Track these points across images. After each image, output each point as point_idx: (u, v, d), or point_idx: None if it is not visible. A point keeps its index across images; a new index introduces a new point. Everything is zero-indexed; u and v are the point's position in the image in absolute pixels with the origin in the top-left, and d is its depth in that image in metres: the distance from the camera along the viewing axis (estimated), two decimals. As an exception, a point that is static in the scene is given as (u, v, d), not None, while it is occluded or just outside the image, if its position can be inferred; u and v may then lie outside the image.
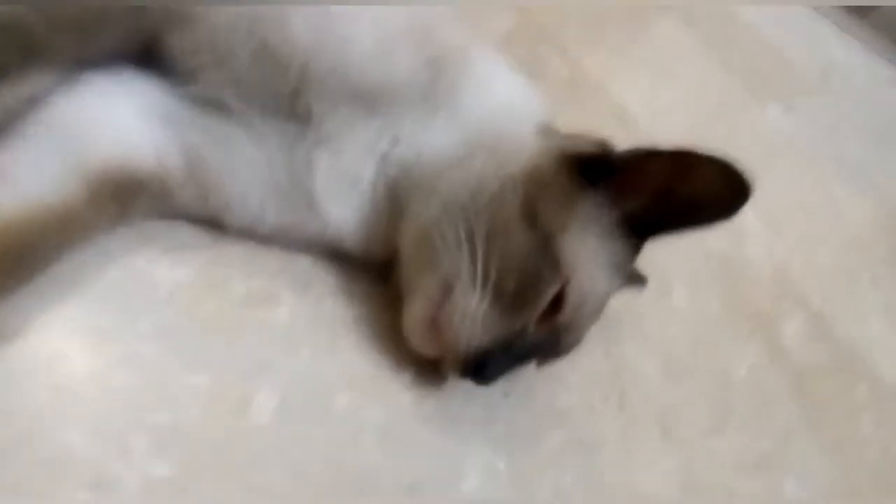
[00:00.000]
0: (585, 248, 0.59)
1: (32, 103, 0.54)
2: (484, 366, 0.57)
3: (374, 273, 0.65)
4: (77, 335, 0.51)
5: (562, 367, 0.72)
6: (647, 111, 1.20)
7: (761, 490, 0.77)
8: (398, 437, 0.58)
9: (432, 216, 0.59)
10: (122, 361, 0.51)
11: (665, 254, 0.92)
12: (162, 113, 0.57)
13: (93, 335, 0.51)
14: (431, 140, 0.61)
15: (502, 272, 0.56)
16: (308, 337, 0.60)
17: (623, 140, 0.62)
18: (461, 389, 0.63)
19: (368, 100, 0.59)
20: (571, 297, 0.59)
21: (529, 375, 0.65)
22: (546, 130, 0.65)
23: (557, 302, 0.59)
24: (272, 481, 0.51)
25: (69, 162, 0.52)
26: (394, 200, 0.62)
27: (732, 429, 0.81)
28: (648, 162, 0.59)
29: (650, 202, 0.60)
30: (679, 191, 0.58)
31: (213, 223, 0.61)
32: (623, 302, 0.76)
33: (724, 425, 0.81)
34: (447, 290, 0.57)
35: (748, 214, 1.10)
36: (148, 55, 0.57)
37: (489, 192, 0.58)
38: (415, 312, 0.58)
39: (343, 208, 0.61)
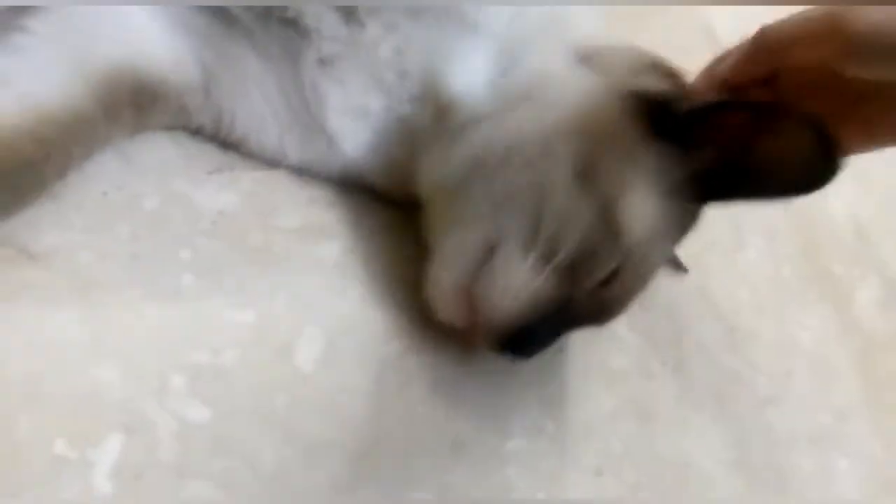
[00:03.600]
0: (649, 213, 0.50)
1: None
2: (524, 341, 0.50)
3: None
4: (112, 262, 0.47)
5: (620, 326, 0.68)
6: (736, 31, 1.08)
7: (812, 468, 0.73)
8: (445, 390, 0.55)
9: (462, 167, 0.51)
10: (162, 293, 0.48)
11: (739, 206, 0.86)
12: (177, 15, 0.50)
13: (130, 263, 0.48)
14: (450, 69, 0.52)
15: (554, 237, 0.48)
16: (357, 277, 0.56)
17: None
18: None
19: (373, 14, 0.50)
20: (628, 269, 0.51)
21: (586, 331, 0.61)
22: (599, 55, 0.54)
23: (612, 273, 0.51)
24: (313, 431, 0.48)
25: (80, 63, 0.45)
26: (409, 141, 0.54)
27: (789, 402, 0.77)
28: (727, 113, 0.49)
29: (723, 161, 0.50)
30: (757, 152, 0.49)
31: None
32: (692, 256, 0.70)
33: (782, 398, 0.76)
34: (486, 254, 0.50)
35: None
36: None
37: (535, 141, 0.49)
38: (443, 278, 0.51)
39: (358, 145, 0.55)
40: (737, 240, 0.86)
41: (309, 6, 0.49)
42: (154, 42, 0.49)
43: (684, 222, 0.55)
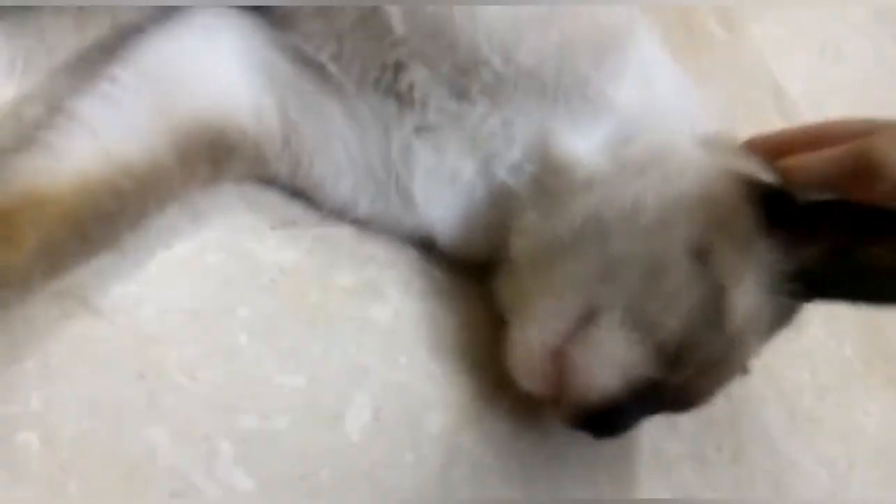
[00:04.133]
0: (755, 305, 0.48)
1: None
2: (611, 420, 0.48)
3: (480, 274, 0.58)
4: (172, 318, 0.47)
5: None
6: (808, 92, 1.04)
7: (873, 571, 0.69)
8: (490, 470, 0.53)
9: (569, 230, 0.50)
10: (218, 352, 0.47)
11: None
12: (263, 62, 0.50)
13: (189, 319, 0.47)
14: (567, 140, 0.51)
15: (659, 314, 0.46)
16: (409, 342, 0.54)
17: (777, 124, 0.50)
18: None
19: (486, 93, 0.49)
20: (722, 360, 0.49)
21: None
22: (713, 142, 0.53)
23: (707, 362, 0.48)
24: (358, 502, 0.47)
25: (159, 112, 0.45)
26: (500, 205, 0.53)
27: (854, 492, 0.72)
28: (842, 214, 0.47)
29: (831, 260, 0.48)
30: (867, 256, 0.47)
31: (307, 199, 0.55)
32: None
33: (846, 488, 0.72)
34: (585, 320, 0.47)
35: None
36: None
37: (654, 212, 0.47)
38: (533, 341, 0.48)
39: (441, 208, 0.53)
40: (799, 316, 0.82)
41: (419, 80, 0.49)
42: (236, 91, 0.49)
43: (782, 318, 0.52)
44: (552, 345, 0.48)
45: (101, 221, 0.42)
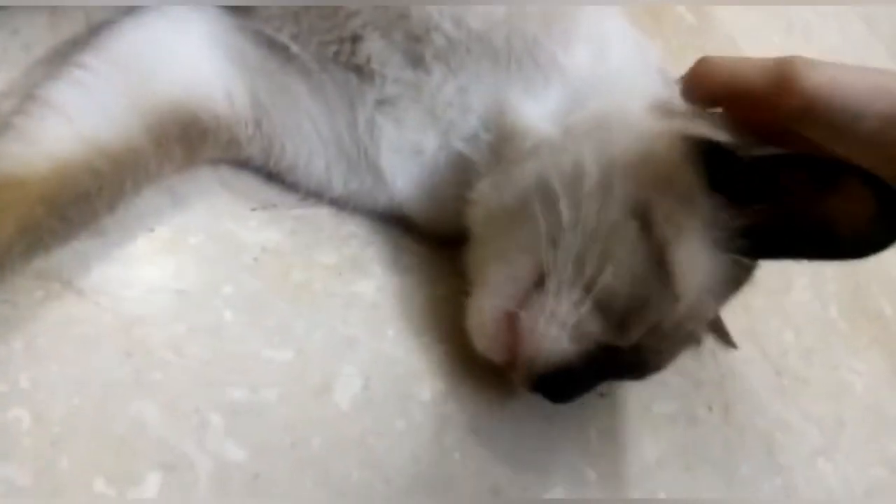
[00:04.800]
0: (701, 263, 0.48)
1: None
2: (562, 383, 0.48)
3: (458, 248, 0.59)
4: (157, 297, 0.47)
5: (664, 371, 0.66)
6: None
7: (868, 523, 0.70)
8: (481, 436, 0.54)
9: (518, 196, 0.50)
10: (204, 329, 0.48)
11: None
12: (231, 49, 0.51)
13: (174, 298, 0.48)
14: (520, 106, 0.51)
15: (607, 276, 0.46)
16: (394, 315, 0.55)
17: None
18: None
19: (440, 60, 0.50)
20: (675, 321, 0.49)
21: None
22: (665, 107, 0.53)
23: (658, 323, 0.49)
24: (350, 474, 0.47)
25: (135, 98, 0.46)
26: (461, 177, 0.53)
27: (841, 452, 0.73)
28: (786, 167, 0.47)
29: (779, 217, 0.48)
30: (816, 209, 0.46)
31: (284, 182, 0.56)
32: (740, 299, 0.69)
33: (834, 447, 0.73)
34: (534, 283, 0.48)
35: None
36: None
37: (595, 176, 0.48)
38: (486, 307, 0.49)
39: (407, 181, 0.54)
40: (784, 280, 0.83)
41: (375, 51, 0.50)
42: (207, 77, 0.50)
43: (736, 277, 0.52)
44: (505, 310, 0.48)
45: (79, 201, 0.43)
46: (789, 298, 0.82)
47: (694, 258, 0.48)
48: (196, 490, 0.42)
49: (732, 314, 0.68)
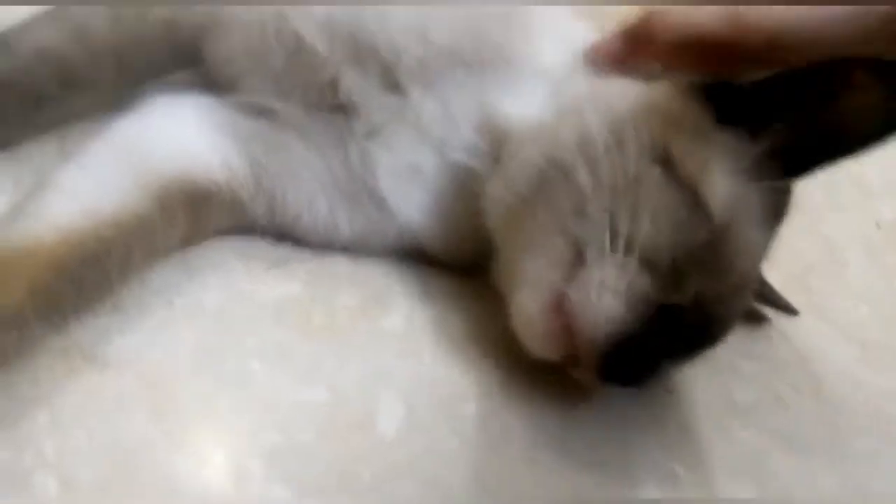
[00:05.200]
0: (733, 194, 0.46)
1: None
2: (631, 359, 0.44)
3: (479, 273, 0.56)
4: (180, 358, 0.46)
5: (730, 357, 0.60)
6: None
7: None
8: (550, 445, 0.49)
9: (529, 183, 0.49)
10: (232, 381, 0.46)
11: (830, 224, 0.80)
12: (221, 124, 0.54)
13: (197, 356, 0.47)
14: (503, 105, 0.52)
15: (644, 227, 0.44)
16: (427, 342, 0.53)
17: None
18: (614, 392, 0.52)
19: (414, 80, 0.52)
20: (726, 260, 0.46)
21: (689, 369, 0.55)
22: None
23: (711, 268, 0.46)
24: (407, 497, 0.43)
25: (133, 174, 0.48)
26: (467, 190, 0.53)
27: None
28: (788, 85, 0.46)
29: (797, 131, 0.47)
30: (829, 111, 0.46)
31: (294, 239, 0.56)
32: (795, 280, 0.65)
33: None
34: (574, 262, 0.45)
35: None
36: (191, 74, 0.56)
37: (603, 136, 0.46)
38: (530, 300, 0.46)
39: (413, 206, 0.54)
40: (835, 260, 0.78)
41: (354, 87, 0.52)
42: (202, 149, 0.52)
43: (774, 205, 0.50)
44: (551, 297, 0.45)
45: (88, 264, 0.43)
46: (849, 275, 0.77)
47: (724, 190, 0.46)
48: (242, 536, 0.39)
49: (794, 299, 0.64)
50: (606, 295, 0.43)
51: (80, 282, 0.43)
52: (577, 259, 0.45)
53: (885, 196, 0.92)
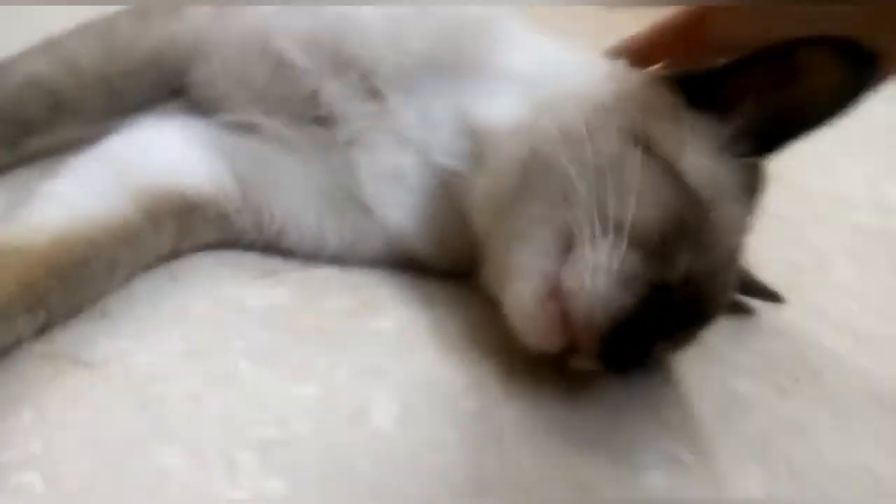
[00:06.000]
0: (709, 169, 0.49)
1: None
2: (630, 340, 0.43)
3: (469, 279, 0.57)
4: (168, 359, 0.45)
5: (725, 350, 0.60)
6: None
7: None
8: (551, 435, 0.48)
9: (513, 177, 0.50)
10: (220, 379, 0.45)
11: (812, 232, 0.82)
12: (208, 141, 0.55)
13: (184, 359, 0.46)
14: (481, 108, 0.53)
15: (631, 207, 0.44)
16: (419, 343, 0.52)
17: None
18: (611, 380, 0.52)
19: (392, 86, 0.54)
20: (712, 234, 0.47)
21: (683, 359, 0.55)
22: (615, 73, 0.55)
23: (696, 245, 0.46)
24: (406, 487, 0.41)
25: (122, 184, 0.49)
26: (452, 192, 0.54)
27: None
28: (752, 67, 0.49)
29: (765, 109, 0.49)
30: (793, 88, 0.48)
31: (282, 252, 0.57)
32: (786, 281, 0.65)
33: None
34: (565, 248, 0.45)
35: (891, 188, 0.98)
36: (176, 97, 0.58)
37: (583, 124, 0.48)
38: (525, 289, 0.46)
39: (398, 211, 0.55)
40: (821, 262, 0.79)
41: (334, 97, 0.54)
42: (190, 163, 0.53)
43: (750, 180, 0.51)
44: (544, 288, 0.45)
45: (77, 265, 0.44)
46: (837, 274, 0.78)
47: (705, 165, 0.48)
48: (236, 526, 0.37)
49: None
50: (600, 276, 0.43)
51: (69, 281, 0.43)
52: (568, 245, 0.46)
53: (862, 207, 0.95)
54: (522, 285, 0.46)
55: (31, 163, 0.57)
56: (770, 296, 0.63)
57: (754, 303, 0.65)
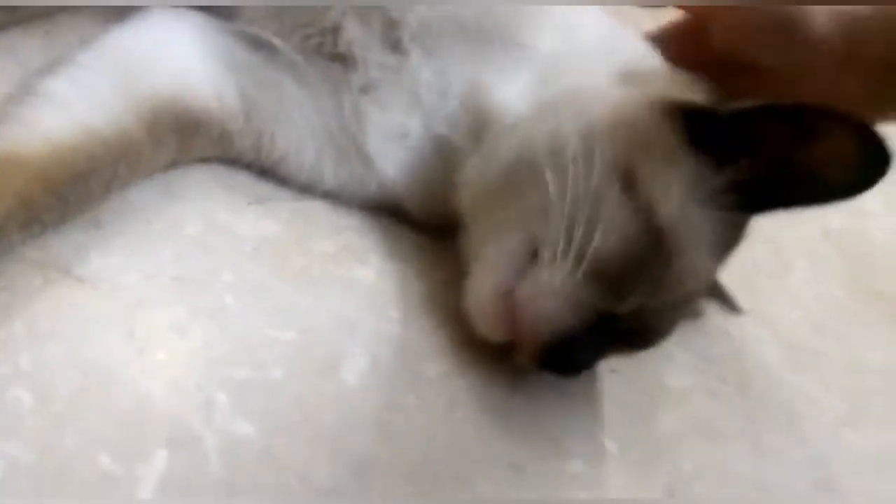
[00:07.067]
0: (690, 221, 0.48)
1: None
2: (568, 355, 0.47)
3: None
4: (158, 283, 0.47)
5: (672, 346, 0.64)
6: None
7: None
8: (494, 412, 0.52)
9: (500, 173, 0.51)
10: (205, 312, 0.47)
11: (780, 228, 0.85)
12: (218, 50, 0.53)
13: (175, 284, 0.48)
14: (493, 85, 0.53)
15: (596, 241, 0.46)
16: (396, 298, 0.55)
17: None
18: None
19: (416, 41, 0.52)
20: (672, 281, 0.49)
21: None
22: (638, 75, 0.54)
23: (656, 285, 0.48)
24: (362, 446, 0.46)
25: (126, 90, 0.48)
26: (446, 160, 0.54)
27: (867, 422, 0.71)
28: (765, 120, 0.48)
29: (764, 169, 0.48)
30: (800, 158, 0.47)
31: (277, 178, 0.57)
32: (738, 279, 0.68)
33: (859, 418, 0.71)
34: (527, 258, 0.48)
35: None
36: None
37: (574, 144, 0.48)
38: (483, 287, 0.49)
39: (396, 167, 0.55)
40: (781, 263, 0.83)
41: (355, 38, 0.52)
42: (197, 75, 0.52)
43: (729, 235, 0.52)
44: (501, 287, 0.48)
45: (75, 181, 0.44)
46: (792, 279, 0.82)
47: (682, 215, 0.48)
48: (206, 465, 0.41)
49: (739, 296, 0.68)
50: (551, 298, 0.46)
51: (66, 196, 0.43)
52: (532, 257, 0.48)
53: (837, 209, 0.97)
54: (482, 279, 0.50)
55: (24, 27, 0.55)
56: (728, 304, 0.67)
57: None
